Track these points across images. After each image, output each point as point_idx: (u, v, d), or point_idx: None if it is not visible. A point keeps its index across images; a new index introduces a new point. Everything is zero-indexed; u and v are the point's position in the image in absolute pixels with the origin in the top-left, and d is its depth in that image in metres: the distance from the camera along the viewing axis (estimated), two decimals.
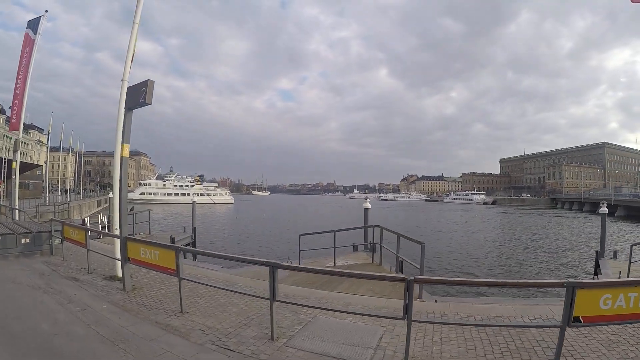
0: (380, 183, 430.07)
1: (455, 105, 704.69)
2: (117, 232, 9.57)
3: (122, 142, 9.50)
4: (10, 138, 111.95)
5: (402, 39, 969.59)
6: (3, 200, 29.47)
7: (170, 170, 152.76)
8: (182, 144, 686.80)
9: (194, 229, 24.38)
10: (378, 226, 14.62)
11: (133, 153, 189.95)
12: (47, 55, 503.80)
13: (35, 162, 75.67)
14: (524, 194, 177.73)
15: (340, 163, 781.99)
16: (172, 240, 19.62)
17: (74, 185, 74.96)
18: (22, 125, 15.93)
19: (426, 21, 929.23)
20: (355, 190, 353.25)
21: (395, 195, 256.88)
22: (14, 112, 15.95)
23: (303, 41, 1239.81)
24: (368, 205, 19.32)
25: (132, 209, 21.02)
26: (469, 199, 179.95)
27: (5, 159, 28.51)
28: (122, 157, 9.55)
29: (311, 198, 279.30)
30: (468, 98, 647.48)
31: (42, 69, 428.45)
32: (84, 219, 27.16)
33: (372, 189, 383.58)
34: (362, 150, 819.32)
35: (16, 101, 15.84)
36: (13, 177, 16.22)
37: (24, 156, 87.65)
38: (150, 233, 23.04)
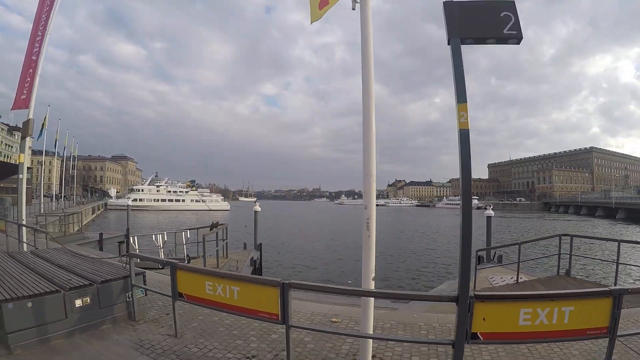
0: None
1: (438, 111, 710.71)
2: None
3: None
4: (11, 146, 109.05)
5: (386, 45, 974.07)
6: None
7: (156, 176, 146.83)
8: (166, 148, 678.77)
9: (259, 246, 19.89)
10: (567, 235, 12.51)
11: (120, 157, 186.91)
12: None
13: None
14: (519, 199, 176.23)
15: (325, 169, 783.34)
16: (254, 263, 16.76)
17: (60, 190, 70.43)
18: (33, 103, 11.66)
19: (410, 27, 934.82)
20: (343, 196, 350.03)
21: (386, 200, 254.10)
22: (26, 84, 11.77)
23: (287, 46, 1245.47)
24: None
25: (216, 225, 16.43)
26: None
27: None
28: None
29: (299, 204, 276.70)
30: (451, 104, 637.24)
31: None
32: (101, 235, 23.42)
33: (358, 195, 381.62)
34: (347, 156, 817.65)
35: (30, 70, 11.75)
36: (20, 176, 11.98)
37: (8, 159, 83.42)
38: (226, 255, 17.65)
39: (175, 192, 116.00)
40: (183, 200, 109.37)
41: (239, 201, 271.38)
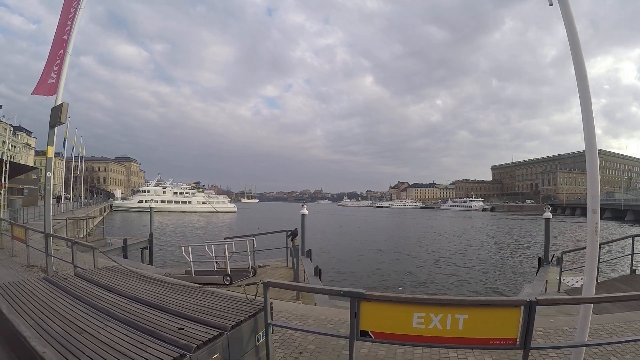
0: (367, 190, 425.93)
1: (439, 113, 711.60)
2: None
3: None
4: (14, 147, 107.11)
5: (386, 47, 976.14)
6: (3, 211, 22.87)
7: (159, 177, 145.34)
8: (167, 150, 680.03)
9: (309, 252, 19.22)
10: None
11: (123, 159, 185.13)
12: (31, 59, 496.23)
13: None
14: (529, 201, 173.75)
15: (326, 170, 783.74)
16: (319, 272, 15.54)
17: (65, 191, 68.88)
18: (62, 84, 9.89)
19: (410, 29, 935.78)
20: (346, 198, 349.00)
21: (390, 202, 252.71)
22: (55, 66, 10.08)
23: (288, 48, 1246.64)
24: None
25: (295, 234, 14.52)
26: (467, 206, 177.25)
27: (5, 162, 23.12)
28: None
29: (299, 206, 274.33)
30: (452, 105, 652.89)
31: (26, 71, 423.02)
32: (125, 241, 21.94)
33: (359, 197, 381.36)
34: (348, 157, 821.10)
35: (60, 50, 10.06)
36: (48, 174, 9.85)
37: (11, 159, 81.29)
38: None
39: (181, 193, 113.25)
40: (190, 202, 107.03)
41: (242, 202, 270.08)
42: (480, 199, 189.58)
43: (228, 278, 13.44)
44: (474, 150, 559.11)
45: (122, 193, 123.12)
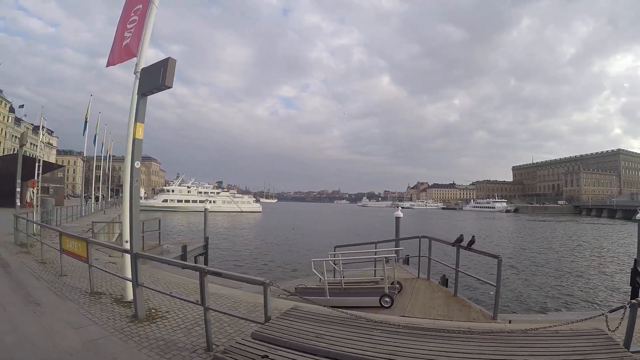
0: (385, 191, 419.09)
1: (457, 113, 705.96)
2: None
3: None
4: (35, 145, 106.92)
5: (403, 47, 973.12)
6: (35, 213, 20.39)
7: (177, 176, 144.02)
8: (184, 150, 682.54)
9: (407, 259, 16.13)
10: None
11: (144, 158, 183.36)
12: (50, 61, 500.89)
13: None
14: (560, 202, 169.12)
15: (344, 171, 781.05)
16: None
17: (85, 190, 67.62)
18: (145, 44, 7.71)
19: (427, 28, 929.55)
20: (365, 198, 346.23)
21: (411, 203, 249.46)
22: (130, 23, 7.97)
23: (304, 48, 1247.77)
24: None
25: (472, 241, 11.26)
26: (490, 207, 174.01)
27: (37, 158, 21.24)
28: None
29: (320, 206, 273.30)
30: (469, 105, 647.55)
31: (45, 74, 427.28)
32: (184, 248, 19.66)
33: (377, 197, 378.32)
34: (364, 158, 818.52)
35: (139, 4, 8.03)
36: (137, 164, 6.81)
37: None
38: None
39: (206, 193, 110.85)
40: (214, 202, 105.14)
41: (261, 202, 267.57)
42: (503, 200, 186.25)
43: (388, 300, 10.08)
44: (492, 151, 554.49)
45: (145, 192, 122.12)
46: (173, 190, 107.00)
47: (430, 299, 10.46)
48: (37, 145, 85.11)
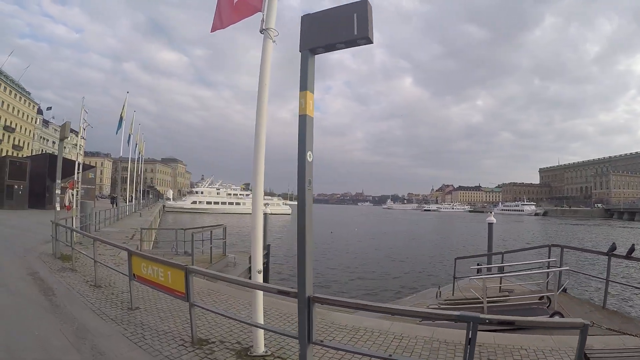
0: (409, 193, 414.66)
1: (480, 114, 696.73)
2: None
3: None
4: (47, 140, 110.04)
5: (425, 47, 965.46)
6: (76, 218, 16.87)
7: (202, 178, 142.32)
8: (208, 152, 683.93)
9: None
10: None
11: (169, 160, 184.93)
12: (75, 66, 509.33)
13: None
14: (597, 205, 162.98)
15: (367, 173, 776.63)
16: None
17: (113, 190, 66.44)
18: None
19: (449, 28, 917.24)
20: (389, 201, 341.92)
21: (438, 206, 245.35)
22: None
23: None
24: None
25: None
26: (519, 210, 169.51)
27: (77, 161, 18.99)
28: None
29: (344, 208, 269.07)
30: (493, 106, 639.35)
31: (71, 78, 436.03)
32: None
33: (401, 199, 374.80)
34: (388, 159, 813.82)
35: None
36: (309, 158, 4.60)
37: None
38: None
39: (235, 194, 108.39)
40: (244, 204, 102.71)
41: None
42: (532, 203, 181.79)
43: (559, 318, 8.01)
44: (517, 152, 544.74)
45: (173, 194, 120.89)
46: (202, 192, 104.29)
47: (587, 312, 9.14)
48: (64, 147, 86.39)
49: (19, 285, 9.39)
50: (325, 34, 4.43)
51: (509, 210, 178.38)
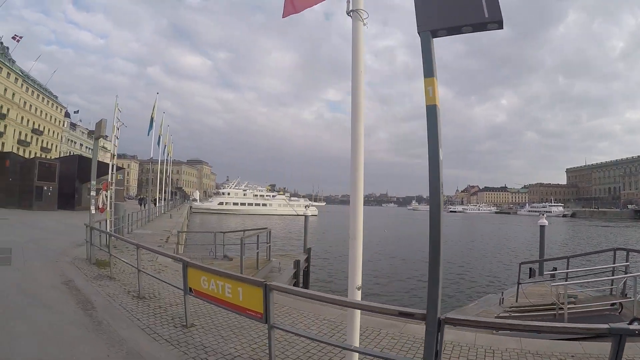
0: None
1: (505, 113, 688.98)
2: None
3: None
4: (74, 142, 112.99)
5: (448, 46, 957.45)
6: (110, 220, 16.05)
7: (227, 180, 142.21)
8: (232, 154, 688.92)
9: None
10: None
11: (195, 162, 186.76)
12: (100, 71, 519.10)
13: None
14: (630, 206, 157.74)
15: (391, 174, 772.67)
16: None
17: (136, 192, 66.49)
18: None
19: None
20: (414, 202, 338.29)
21: (463, 207, 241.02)
22: None
23: (348, 51, 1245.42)
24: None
25: None
26: (546, 212, 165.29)
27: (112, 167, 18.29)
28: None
29: (369, 209, 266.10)
30: (518, 105, 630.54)
31: (96, 83, 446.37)
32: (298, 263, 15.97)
33: (426, 200, 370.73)
34: (412, 160, 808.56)
35: None
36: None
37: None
38: None
39: (262, 196, 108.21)
40: (270, 205, 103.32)
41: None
42: (560, 204, 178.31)
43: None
44: (543, 152, 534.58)
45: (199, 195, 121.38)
46: (228, 193, 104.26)
47: None
48: (91, 149, 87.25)
49: (53, 295, 8.42)
50: (448, 15, 3.84)
51: (536, 211, 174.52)
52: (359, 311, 4.74)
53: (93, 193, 13.23)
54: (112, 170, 17.86)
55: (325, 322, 7.35)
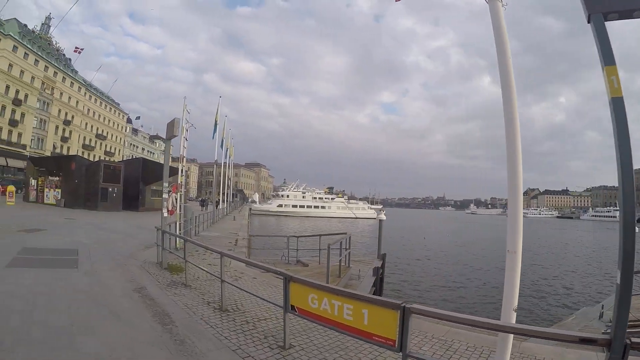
0: (492, 197, 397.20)
1: (564, 112, 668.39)
2: None
3: None
4: (136, 146, 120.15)
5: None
6: (180, 224, 15.76)
7: (284, 182, 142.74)
8: (289, 157, 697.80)
9: None
10: None
11: (253, 165, 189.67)
12: (158, 80, 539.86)
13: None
14: None
15: (448, 176, 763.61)
16: None
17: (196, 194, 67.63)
18: None
19: (524, 22, 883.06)
20: (472, 205, 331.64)
21: (524, 211, 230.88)
22: None
23: (401, 53, 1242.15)
24: None
25: None
26: (611, 217, 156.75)
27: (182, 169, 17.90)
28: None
29: (426, 212, 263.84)
30: (577, 103, 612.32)
31: (155, 91, 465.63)
32: None
33: (484, 204, 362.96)
34: (469, 163, 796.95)
35: None
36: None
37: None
38: None
39: (320, 198, 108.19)
40: (329, 207, 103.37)
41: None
42: None
43: None
44: (606, 153, 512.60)
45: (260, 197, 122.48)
46: (287, 196, 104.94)
47: None
48: (153, 153, 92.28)
49: (125, 305, 7.68)
50: None
51: (600, 216, 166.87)
52: (511, 336, 4.03)
53: (165, 195, 12.70)
54: (182, 172, 17.44)
55: (467, 347, 6.29)
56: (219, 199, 42.97)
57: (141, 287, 9.06)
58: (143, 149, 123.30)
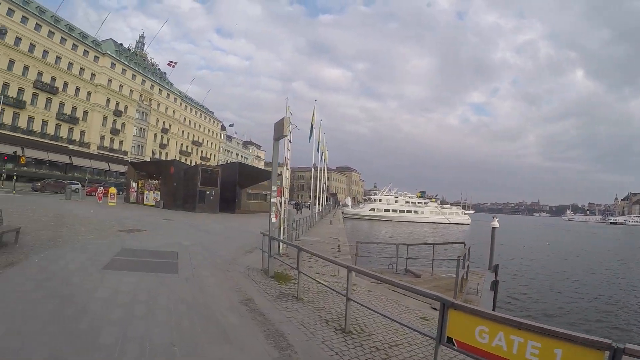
0: (589, 203, 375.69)
1: None
2: None
3: None
4: (230, 152, 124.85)
5: (592, 33, 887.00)
6: (284, 229, 15.03)
7: (375, 186, 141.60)
8: (378, 161, 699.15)
9: None
10: None
11: (344, 169, 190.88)
12: (248, 89, 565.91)
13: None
14: None
15: (541, 180, 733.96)
16: None
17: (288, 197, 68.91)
18: None
19: (615, 7, 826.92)
20: (569, 211, 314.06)
21: (625, 218, 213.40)
22: None
23: (487, 50, 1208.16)
24: None
25: None
26: None
27: (285, 173, 17.71)
28: None
29: (520, 219, 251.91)
30: None
31: (245, 100, 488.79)
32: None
33: (581, 210, 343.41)
34: (563, 165, 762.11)
35: None
36: None
37: None
38: None
39: (414, 203, 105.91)
40: (422, 212, 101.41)
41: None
42: None
43: None
44: None
45: (350, 199, 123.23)
46: (380, 200, 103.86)
47: None
48: (246, 158, 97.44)
49: (232, 320, 6.90)
50: None
51: None
52: None
53: (273, 199, 12.14)
54: (285, 175, 17.07)
55: None
56: (314, 203, 42.97)
57: (248, 299, 8.36)
58: (237, 154, 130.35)
